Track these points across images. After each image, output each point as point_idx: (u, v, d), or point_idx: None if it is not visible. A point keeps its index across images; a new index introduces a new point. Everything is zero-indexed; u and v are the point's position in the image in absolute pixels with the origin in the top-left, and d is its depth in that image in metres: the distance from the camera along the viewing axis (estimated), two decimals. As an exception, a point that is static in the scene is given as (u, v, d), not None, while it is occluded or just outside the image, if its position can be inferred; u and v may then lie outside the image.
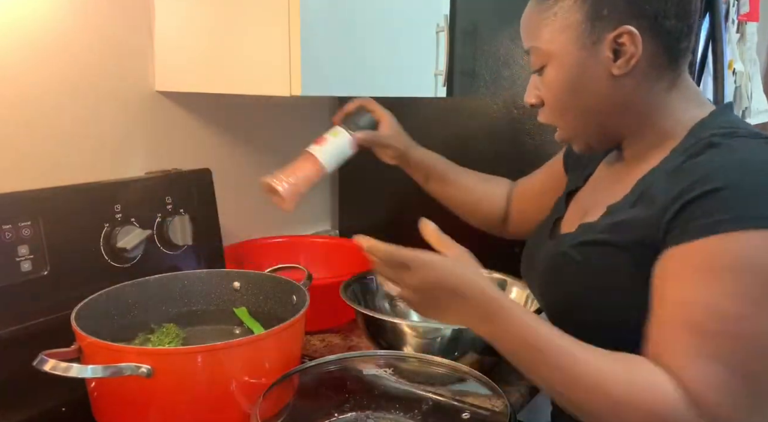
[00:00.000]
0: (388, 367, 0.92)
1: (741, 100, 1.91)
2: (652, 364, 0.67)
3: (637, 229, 0.73)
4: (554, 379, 0.69)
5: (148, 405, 0.77)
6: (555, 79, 0.80)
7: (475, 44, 1.37)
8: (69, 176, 1.06)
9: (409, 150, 1.14)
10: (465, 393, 0.87)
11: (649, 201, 0.73)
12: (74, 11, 1.06)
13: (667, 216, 0.69)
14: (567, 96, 0.80)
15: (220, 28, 1.09)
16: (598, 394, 0.66)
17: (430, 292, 0.73)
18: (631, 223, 0.74)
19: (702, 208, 0.67)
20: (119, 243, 1.00)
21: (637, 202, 0.76)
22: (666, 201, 0.70)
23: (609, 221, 0.77)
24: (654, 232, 0.71)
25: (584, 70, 0.78)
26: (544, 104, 0.84)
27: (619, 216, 0.76)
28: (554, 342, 0.69)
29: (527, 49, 0.84)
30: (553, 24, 0.79)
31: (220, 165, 1.28)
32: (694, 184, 0.68)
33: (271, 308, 1.00)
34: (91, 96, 1.10)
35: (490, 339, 0.73)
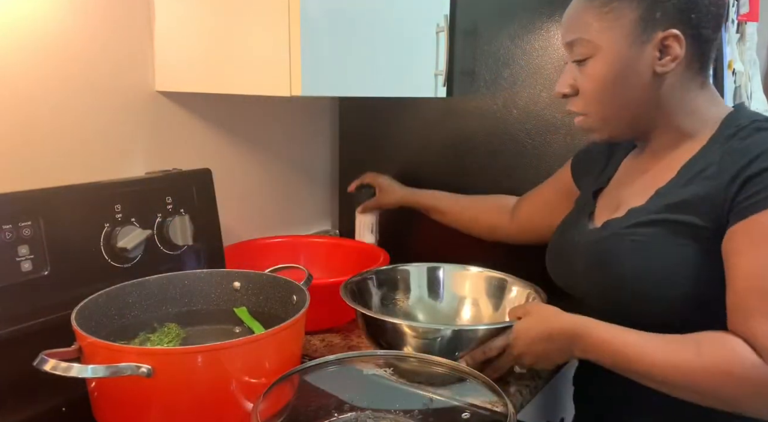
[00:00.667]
0: (388, 367, 0.92)
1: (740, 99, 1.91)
2: (722, 332, 0.76)
3: (698, 206, 0.81)
4: (641, 369, 0.80)
5: (148, 405, 0.77)
6: (600, 71, 0.87)
7: (475, 44, 1.37)
8: (69, 176, 1.06)
9: (405, 198, 1.38)
10: (465, 393, 0.87)
11: (706, 180, 0.82)
12: (74, 11, 1.06)
13: (730, 193, 0.78)
14: (609, 87, 0.87)
15: (220, 29, 1.09)
16: (674, 370, 0.77)
17: (532, 347, 0.90)
18: (691, 201, 0.82)
19: (764, 183, 0.76)
20: (119, 243, 1.00)
21: (689, 183, 0.84)
22: (726, 179, 0.79)
23: (663, 202, 0.85)
24: (718, 208, 0.80)
25: (630, 65, 0.86)
26: (579, 94, 0.91)
27: (673, 198, 0.84)
28: (633, 343, 0.81)
29: (571, 40, 0.89)
30: (606, 20, 0.86)
31: (220, 165, 1.28)
32: (751, 162, 0.78)
33: (271, 308, 1.00)
34: (91, 96, 1.10)
35: (587, 355, 0.86)
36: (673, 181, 0.87)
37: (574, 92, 0.92)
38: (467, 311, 1.18)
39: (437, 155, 1.47)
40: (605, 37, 0.86)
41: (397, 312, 1.16)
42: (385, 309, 1.16)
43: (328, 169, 1.68)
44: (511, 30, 1.32)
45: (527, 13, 1.30)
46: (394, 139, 1.54)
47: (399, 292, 1.19)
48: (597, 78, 0.88)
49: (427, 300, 1.20)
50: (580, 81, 0.90)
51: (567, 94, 0.92)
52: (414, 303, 1.19)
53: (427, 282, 1.21)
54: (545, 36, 1.29)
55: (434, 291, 1.21)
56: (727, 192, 0.79)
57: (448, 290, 1.20)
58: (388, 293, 1.18)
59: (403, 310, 1.17)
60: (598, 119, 0.91)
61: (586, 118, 0.92)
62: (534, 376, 1.00)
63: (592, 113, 0.91)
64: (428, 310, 1.19)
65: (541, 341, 0.88)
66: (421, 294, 1.20)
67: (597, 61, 0.87)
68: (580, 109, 0.92)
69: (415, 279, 1.20)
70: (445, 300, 1.20)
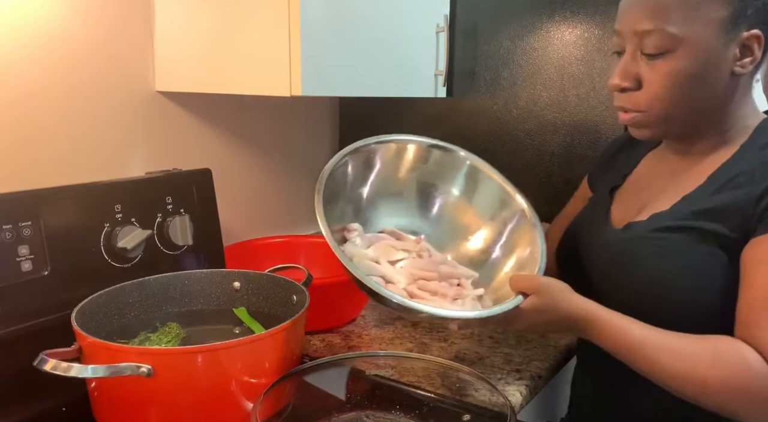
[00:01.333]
0: (388, 367, 0.92)
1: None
2: (737, 341, 0.74)
3: (727, 216, 0.79)
4: (653, 371, 0.78)
5: (148, 405, 0.77)
6: (678, 67, 0.80)
7: (475, 44, 1.37)
8: (69, 176, 1.06)
9: None
10: (465, 393, 0.87)
11: (737, 189, 0.80)
12: (74, 11, 1.06)
13: (762, 204, 0.77)
14: (685, 85, 0.81)
15: (220, 28, 1.09)
16: (689, 380, 0.75)
17: (535, 327, 0.86)
18: (720, 210, 0.80)
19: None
20: (119, 243, 1.00)
21: (719, 190, 0.81)
22: (758, 191, 0.77)
23: (689, 209, 0.82)
24: (747, 219, 0.78)
25: (713, 64, 0.80)
26: (641, 88, 0.83)
27: (700, 205, 0.82)
28: (645, 338, 0.78)
29: (646, 29, 0.80)
30: (694, 13, 0.79)
31: (220, 165, 1.28)
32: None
33: (271, 308, 1.00)
34: (91, 96, 1.10)
35: (594, 343, 0.83)
36: (702, 187, 0.84)
37: (637, 86, 0.84)
38: (464, 233, 1.03)
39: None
40: (691, 31, 0.79)
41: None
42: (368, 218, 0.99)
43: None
44: (511, 30, 1.32)
45: (527, 13, 1.30)
46: (394, 139, 1.54)
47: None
48: (673, 74, 0.80)
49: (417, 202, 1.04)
50: (648, 75, 0.82)
51: (627, 87, 0.84)
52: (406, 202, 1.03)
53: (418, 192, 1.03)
54: (545, 36, 1.29)
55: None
56: (759, 203, 0.77)
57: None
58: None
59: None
60: (657, 117, 0.84)
61: (643, 115, 0.85)
62: (534, 376, 1.00)
63: (653, 111, 0.84)
64: (414, 215, 1.03)
65: (548, 324, 0.84)
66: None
67: (676, 57, 0.80)
68: (641, 106, 0.84)
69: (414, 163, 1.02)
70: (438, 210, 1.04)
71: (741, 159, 0.83)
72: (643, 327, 0.79)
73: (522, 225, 0.98)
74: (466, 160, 1.03)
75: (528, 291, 0.83)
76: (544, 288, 0.83)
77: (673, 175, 0.90)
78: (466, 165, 1.03)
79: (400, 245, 0.96)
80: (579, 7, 1.26)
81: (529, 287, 0.84)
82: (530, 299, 0.83)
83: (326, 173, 0.90)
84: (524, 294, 0.83)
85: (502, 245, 1.00)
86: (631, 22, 0.82)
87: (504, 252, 0.99)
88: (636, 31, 0.81)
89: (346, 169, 0.96)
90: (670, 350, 0.76)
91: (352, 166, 0.96)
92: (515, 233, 0.99)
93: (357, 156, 0.96)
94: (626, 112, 0.86)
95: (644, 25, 0.81)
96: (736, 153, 0.84)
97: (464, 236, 1.03)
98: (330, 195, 0.90)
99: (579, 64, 1.27)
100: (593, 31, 1.27)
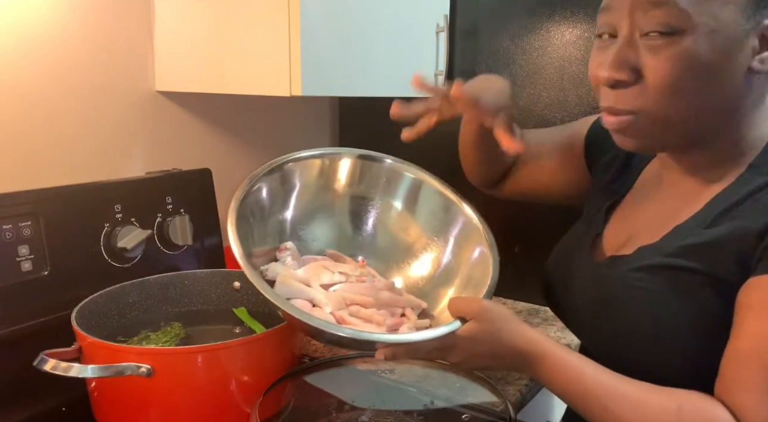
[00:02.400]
0: (388, 367, 0.92)
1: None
2: (709, 401, 0.63)
3: (721, 253, 0.65)
4: (605, 419, 0.67)
5: (148, 405, 0.77)
6: (689, 51, 0.63)
7: (475, 44, 1.37)
8: (69, 176, 1.06)
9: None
10: (465, 394, 0.87)
11: (736, 220, 0.65)
12: (74, 11, 1.06)
13: (765, 242, 0.62)
14: (695, 78, 0.64)
15: (220, 29, 1.09)
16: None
17: (472, 360, 0.72)
18: (713, 246, 0.66)
19: None
20: (119, 243, 1.00)
21: (715, 222, 0.67)
22: (761, 222, 0.63)
23: (679, 242, 0.68)
24: (746, 256, 0.63)
25: (728, 54, 0.64)
26: (639, 81, 0.66)
27: (692, 239, 0.68)
28: (601, 383, 0.67)
29: (654, 0, 0.63)
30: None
31: (220, 165, 1.28)
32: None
33: (271, 308, 1.00)
34: (91, 96, 1.10)
35: (541, 383, 0.72)
36: (697, 216, 0.69)
37: (634, 79, 0.66)
38: (412, 246, 0.92)
39: (437, 155, 1.47)
40: (708, 10, 0.62)
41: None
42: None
43: (328, 169, 1.68)
44: (511, 30, 1.32)
45: (527, 13, 1.30)
46: (395, 139, 1.54)
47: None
48: (683, 61, 0.63)
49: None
50: (651, 62, 0.64)
51: (622, 81, 0.66)
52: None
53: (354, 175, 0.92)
54: (545, 36, 1.29)
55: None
56: (760, 240, 0.63)
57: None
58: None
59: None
60: (653, 123, 0.67)
61: (636, 118, 0.67)
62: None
63: (649, 113, 0.66)
64: (350, 232, 0.93)
65: (487, 357, 0.71)
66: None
67: (686, 41, 0.62)
68: (636, 106, 0.67)
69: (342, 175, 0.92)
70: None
71: (746, 183, 0.67)
72: (599, 369, 0.68)
73: (471, 239, 0.87)
74: (401, 169, 0.93)
75: (467, 316, 0.70)
76: (484, 314, 0.70)
77: (668, 198, 0.76)
78: (402, 175, 0.93)
79: (337, 267, 0.85)
80: (579, 7, 1.26)
81: (468, 310, 0.71)
82: (468, 325, 0.70)
83: (243, 189, 0.80)
84: (463, 320, 0.71)
85: (449, 264, 0.88)
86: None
87: (450, 273, 0.87)
88: (636, 3, 0.64)
89: (262, 191, 0.85)
90: (629, 400, 0.65)
91: (269, 187, 0.86)
92: (463, 249, 0.88)
93: (273, 177, 0.86)
94: (615, 114, 0.68)
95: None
96: (743, 174, 0.69)
97: (410, 256, 0.91)
98: (250, 214, 0.81)
99: (579, 64, 1.27)
100: (593, 31, 1.27)
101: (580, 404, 0.68)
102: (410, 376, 0.92)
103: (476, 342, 0.70)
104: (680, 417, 0.63)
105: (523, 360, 0.70)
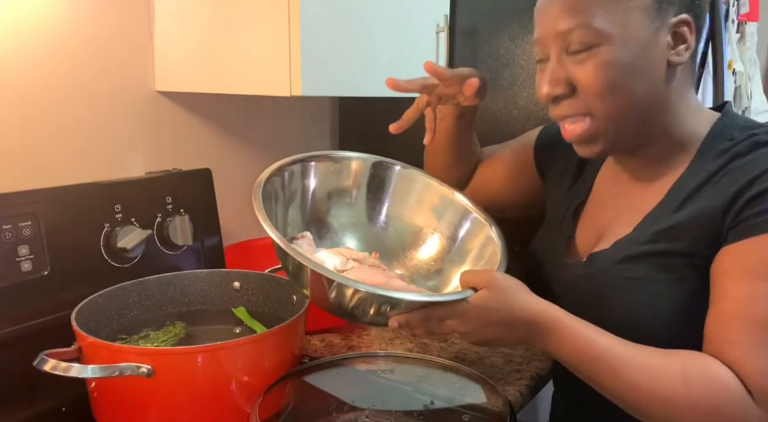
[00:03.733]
0: (388, 367, 0.92)
1: (741, 100, 1.91)
2: (708, 358, 0.68)
3: (693, 232, 0.72)
4: (616, 387, 0.70)
5: (148, 405, 0.77)
6: (608, 58, 0.73)
7: (475, 44, 1.37)
8: (69, 176, 1.06)
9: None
10: (465, 394, 0.87)
11: (701, 201, 0.73)
12: (74, 11, 1.06)
13: (729, 215, 0.70)
14: (620, 80, 0.73)
15: (220, 28, 1.09)
16: (657, 399, 0.68)
17: (484, 330, 0.74)
18: (686, 227, 0.73)
19: (764, 205, 0.68)
20: (119, 243, 1.00)
21: (681, 206, 0.74)
22: (724, 201, 0.70)
23: (652, 229, 0.75)
24: (716, 233, 0.71)
25: (644, 54, 0.74)
26: (576, 92, 0.76)
27: (663, 223, 0.75)
28: (611, 348, 0.70)
29: (566, 28, 0.74)
30: (615, 4, 0.73)
31: (220, 165, 1.28)
32: (752, 182, 0.69)
33: (271, 308, 1.00)
34: (91, 96, 1.10)
35: (552, 354, 0.74)
36: (663, 204, 0.77)
37: (570, 91, 0.76)
38: (418, 236, 0.98)
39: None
40: (616, 21, 0.72)
41: (327, 225, 0.96)
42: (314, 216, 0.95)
43: (328, 169, 1.68)
44: (511, 30, 1.32)
45: (527, 13, 1.30)
46: (394, 139, 1.54)
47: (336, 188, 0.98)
48: (605, 67, 0.73)
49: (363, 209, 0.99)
50: (580, 74, 0.74)
51: (561, 94, 0.76)
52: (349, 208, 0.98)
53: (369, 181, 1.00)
54: (545, 36, 1.29)
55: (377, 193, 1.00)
56: (726, 214, 0.70)
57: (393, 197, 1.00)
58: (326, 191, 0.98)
59: (332, 222, 0.97)
60: (603, 121, 0.76)
61: (590, 121, 0.76)
62: (534, 376, 1.00)
63: (595, 113, 0.75)
64: (367, 226, 0.99)
65: (498, 326, 0.73)
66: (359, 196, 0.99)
67: (605, 51, 0.73)
68: (581, 109, 0.76)
69: (357, 176, 0.99)
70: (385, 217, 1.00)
71: (700, 167, 0.76)
72: (608, 336, 0.72)
73: (476, 230, 0.93)
74: (412, 174, 1.01)
75: (478, 286, 0.74)
76: (496, 283, 0.73)
77: (630, 193, 0.83)
78: (411, 180, 1.00)
79: (352, 254, 0.90)
80: (579, 7, 1.26)
81: (479, 281, 0.74)
82: (480, 293, 0.73)
83: (265, 176, 0.88)
84: (475, 290, 0.74)
85: (456, 251, 0.94)
86: (549, 24, 0.76)
87: (458, 258, 0.93)
88: (557, 32, 0.75)
89: (283, 178, 0.91)
90: (638, 364, 0.69)
91: (288, 177, 0.92)
92: (469, 238, 0.94)
93: (294, 169, 0.93)
94: (571, 122, 0.77)
95: (565, 23, 0.74)
96: (693, 161, 0.78)
97: (415, 246, 0.98)
98: (273, 199, 0.88)
99: (579, 64, 1.27)
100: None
101: (590, 369, 0.71)
102: (410, 376, 0.92)
103: (488, 309, 0.72)
104: (686, 375, 0.67)
105: (534, 328, 0.73)
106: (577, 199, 0.92)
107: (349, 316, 0.78)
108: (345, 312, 0.77)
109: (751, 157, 0.72)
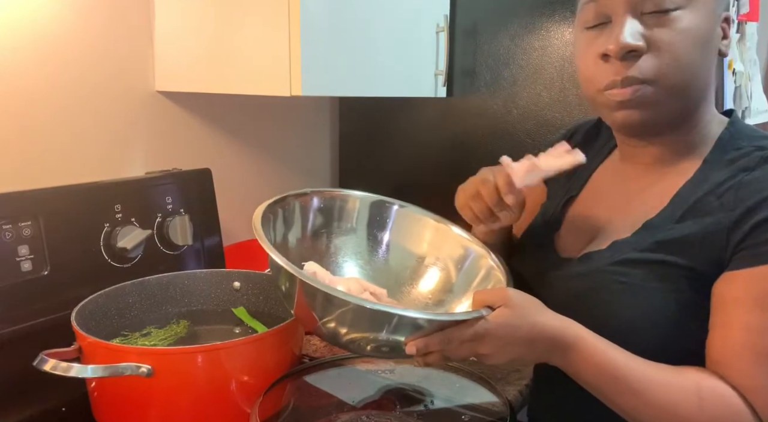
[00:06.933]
0: (388, 367, 0.92)
1: (741, 100, 1.91)
2: (721, 383, 0.67)
3: (694, 247, 0.70)
4: (636, 408, 0.68)
5: (148, 405, 0.77)
6: (694, 23, 0.71)
7: (475, 44, 1.37)
8: (69, 176, 1.06)
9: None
10: (465, 394, 0.87)
11: (706, 216, 0.71)
12: (74, 11, 1.06)
13: (736, 236, 0.68)
14: (697, 47, 0.72)
15: (220, 29, 1.09)
16: (671, 416, 0.67)
17: (504, 350, 0.70)
18: (687, 241, 0.71)
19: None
20: (119, 243, 1.00)
21: (684, 217, 0.73)
22: (730, 219, 0.69)
23: (653, 239, 0.74)
24: (719, 250, 0.69)
25: (713, 33, 0.74)
26: (651, 50, 0.71)
27: (665, 235, 0.73)
28: (630, 367, 0.69)
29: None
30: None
31: (220, 165, 1.28)
32: (760, 204, 0.67)
33: (271, 308, 1.00)
34: (91, 96, 1.10)
35: (570, 371, 0.72)
36: (665, 212, 0.75)
37: (644, 48, 0.71)
38: (416, 271, 0.96)
39: (437, 155, 1.47)
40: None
41: (327, 259, 0.94)
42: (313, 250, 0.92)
43: (327, 169, 1.68)
44: (511, 30, 1.32)
45: (527, 13, 1.30)
46: (394, 139, 1.54)
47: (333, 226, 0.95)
48: (691, 31, 0.71)
49: (365, 243, 0.97)
50: (662, 34, 0.70)
51: (638, 48, 0.70)
52: (350, 248, 0.96)
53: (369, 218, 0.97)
54: (545, 36, 1.29)
55: (377, 231, 0.98)
56: (731, 234, 0.68)
57: (396, 235, 0.97)
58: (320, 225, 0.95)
59: (334, 257, 0.95)
60: (665, 91, 0.72)
61: (651, 87, 0.72)
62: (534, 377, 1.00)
63: (664, 79, 0.71)
64: (366, 261, 0.97)
65: (520, 345, 0.69)
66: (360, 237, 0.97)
67: (689, 14, 0.71)
68: (651, 75, 0.71)
69: (356, 214, 0.96)
70: (391, 250, 0.97)
71: (706, 177, 0.74)
72: (625, 353, 0.70)
73: (477, 259, 0.91)
74: (409, 213, 0.97)
75: (495, 304, 0.69)
76: (513, 300, 0.70)
77: (630, 195, 0.81)
78: (408, 218, 0.97)
79: (362, 284, 0.87)
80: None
81: (496, 298, 0.70)
82: (499, 311, 0.69)
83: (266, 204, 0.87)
84: (490, 309, 0.69)
85: (459, 282, 0.92)
86: None
87: (461, 290, 0.91)
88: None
89: (286, 210, 0.90)
90: (656, 383, 0.67)
91: (291, 211, 0.90)
92: (471, 268, 0.92)
93: (292, 203, 0.91)
94: (628, 85, 0.72)
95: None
96: (699, 169, 0.75)
97: (415, 280, 0.95)
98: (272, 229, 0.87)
99: (579, 64, 1.27)
100: (593, 31, 1.27)
101: (609, 388, 0.69)
102: (410, 376, 0.92)
103: (510, 327, 0.69)
104: (701, 399, 0.66)
105: (555, 344, 0.70)
106: (568, 193, 0.90)
107: (359, 346, 0.74)
108: (347, 342, 0.73)
109: (758, 173, 0.70)
